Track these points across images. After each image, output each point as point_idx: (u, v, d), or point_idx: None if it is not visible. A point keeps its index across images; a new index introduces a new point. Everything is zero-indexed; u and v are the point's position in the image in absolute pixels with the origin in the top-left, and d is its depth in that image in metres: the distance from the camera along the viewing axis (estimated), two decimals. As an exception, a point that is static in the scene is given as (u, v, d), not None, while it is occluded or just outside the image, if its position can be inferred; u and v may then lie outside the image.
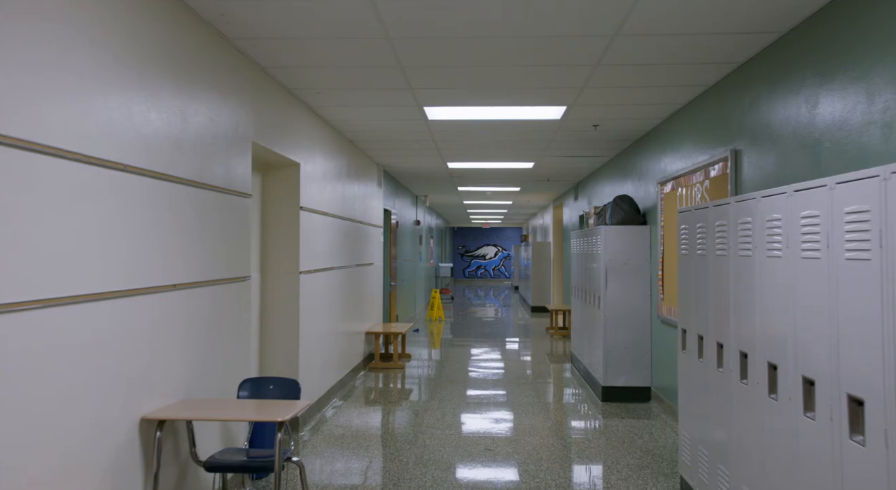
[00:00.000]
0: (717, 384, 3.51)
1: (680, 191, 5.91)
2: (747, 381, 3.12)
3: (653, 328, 6.86)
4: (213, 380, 3.90)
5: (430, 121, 6.55)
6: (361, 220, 8.51)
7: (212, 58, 3.89)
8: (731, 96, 4.72)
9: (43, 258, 2.42)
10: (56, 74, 2.50)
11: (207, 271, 3.82)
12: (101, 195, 2.77)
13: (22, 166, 2.32)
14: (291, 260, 5.66)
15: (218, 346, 3.98)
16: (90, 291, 2.69)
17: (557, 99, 5.62)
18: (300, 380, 5.73)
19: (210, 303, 3.86)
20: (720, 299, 3.48)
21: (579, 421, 6.15)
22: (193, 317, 3.65)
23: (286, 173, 5.67)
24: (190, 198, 3.60)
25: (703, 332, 3.73)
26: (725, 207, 3.43)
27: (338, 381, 7.33)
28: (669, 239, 6.22)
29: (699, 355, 3.82)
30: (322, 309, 6.54)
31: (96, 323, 2.74)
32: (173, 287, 3.36)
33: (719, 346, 3.50)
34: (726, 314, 3.38)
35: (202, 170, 3.74)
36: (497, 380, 8.07)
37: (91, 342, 2.71)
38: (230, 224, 4.16)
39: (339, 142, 7.21)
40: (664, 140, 6.44)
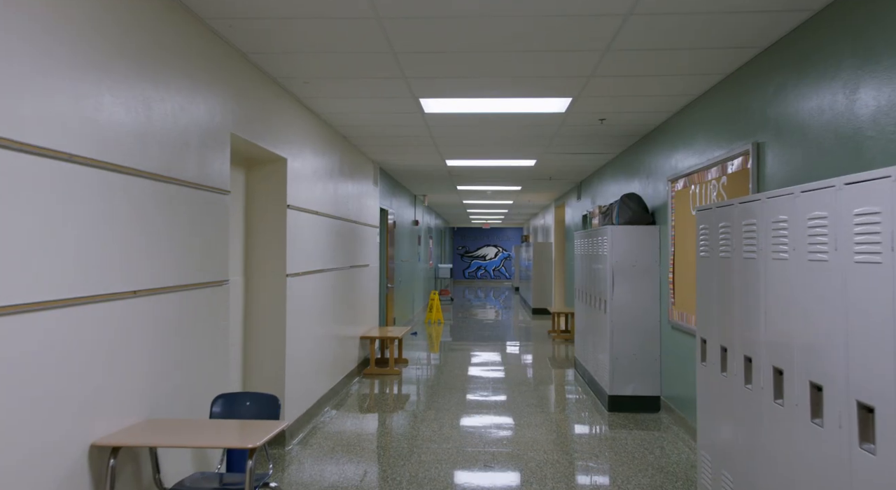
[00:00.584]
0: (745, 402, 3.14)
1: (693, 188, 5.53)
2: (783, 402, 2.75)
3: (662, 334, 6.48)
4: (184, 396, 3.53)
5: (427, 114, 6.18)
6: (356, 219, 8.14)
7: (182, 40, 3.52)
8: (753, 84, 4.34)
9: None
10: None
11: (177, 275, 3.44)
12: (40, 188, 2.40)
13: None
14: (277, 262, 5.28)
15: (190, 358, 3.60)
16: (28, 300, 2.32)
17: (562, 89, 5.25)
18: (287, 389, 5.36)
19: (181, 310, 3.49)
20: (749, 307, 3.10)
21: (585, 434, 5.78)
22: (160, 326, 3.27)
23: (272, 169, 5.30)
24: (156, 193, 3.23)
25: (728, 344, 3.36)
26: (755, 205, 3.06)
27: (330, 389, 6.96)
28: (681, 239, 5.84)
29: (722, 369, 3.44)
30: (312, 313, 6.17)
31: (36, 337, 2.37)
32: (133, 294, 2.99)
33: (747, 360, 3.12)
34: (756, 324, 3.01)
35: (170, 163, 3.37)
36: (498, 387, 7.69)
37: (31, 359, 2.34)
38: (205, 223, 3.79)
39: (331, 137, 6.84)
40: (675, 135, 6.07)
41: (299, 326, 5.72)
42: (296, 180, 5.56)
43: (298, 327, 5.70)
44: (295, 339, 5.59)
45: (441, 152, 8.53)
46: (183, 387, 3.51)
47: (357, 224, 8.20)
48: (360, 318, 8.54)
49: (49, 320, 2.44)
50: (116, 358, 2.89)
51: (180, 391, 3.48)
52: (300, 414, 5.82)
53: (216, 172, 3.95)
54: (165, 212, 3.32)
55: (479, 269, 32.34)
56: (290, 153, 5.39)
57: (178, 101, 3.46)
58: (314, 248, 6.19)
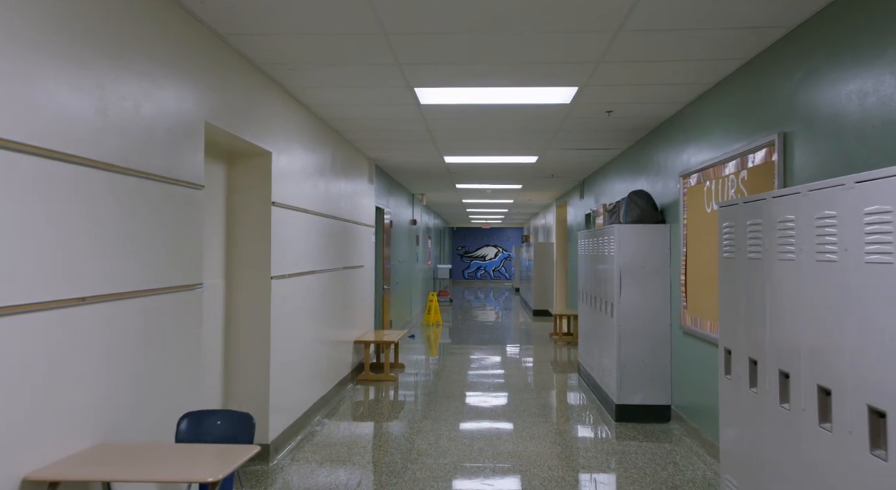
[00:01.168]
0: (781, 424, 2.76)
1: (707, 184, 5.16)
2: (831, 427, 2.37)
3: (673, 339, 6.11)
4: (147, 414, 3.15)
5: (423, 105, 5.80)
6: (349, 218, 7.76)
7: (144, 17, 3.14)
8: (778, 69, 3.97)
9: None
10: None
11: (140, 278, 3.07)
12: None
13: None
14: (261, 263, 4.91)
15: (155, 371, 3.23)
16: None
17: (568, 78, 4.87)
18: (271, 399, 4.99)
19: (144, 318, 3.11)
20: (786, 317, 2.73)
21: (591, 446, 5.40)
22: (118, 336, 2.90)
23: (255, 163, 4.92)
24: (112, 187, 2.85)
25: (758, 356, 2.98)
26: (793, 200, 2.68)
27: (322, 397, 6.59)
28: (694, 239, 5.47)
29: (751, 384, 3.07)
30: (301, 317, 5.79)
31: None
32: (81, 300, 2.61)
33: (783, 376, 2.75)
34: (795, 336, 2.64)
35: (130, 152, 3.00)
36: (498, 393, 7.31)
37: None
38: (175, 221, 3.42)
39: (322, 131, 6.46)
40: (688, 127, 5.69)
41: (286, 332, 5.35)
42: (282, 176, 5.19)
43: (285, 332, 5.32)
44: (281, 345, 5.22)
45: (439, 148, 8.15)
46: (145, 404, 3.13)
47: (351, 223, 7.83)
48: (355, 321, 8.17)
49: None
50: (60, 374, 2.51)
51: (142, 409, 3.10)
52: (288, 424, 5.45)
53: (188, 165, 3.57)
54: (124, 207, 2.94)
55: (478, 269, 31.97)
56: (275, 146, 5.02)
57: (141, 85, 3.09)
58: (303, 248, 5.82)
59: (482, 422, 6.12)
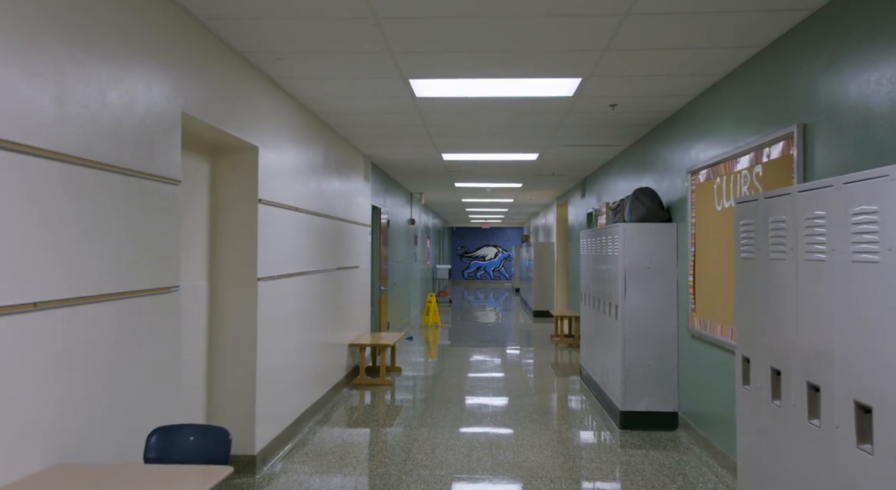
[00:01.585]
0: (810, 441, 2.50)
1: (718, 181, 4.90)
2: (872, 448, 2.11)
3: (681, 343, 5.84)
4: (113, 430, 2.89)
5: (419, 99, 5.54)
6: (344, 217, 7.50)
7: None
8: (798, 56, 3.70)
9: None
10: None
11: (104, 281, 2.81)
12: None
13: None
14: (247, 264, 4.65)
15: (124, 382, 2.97)
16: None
17: (571, 67, 4.61)
18: (258, 407, 4.72)
19: (109, 324, 2.85)
20: (815, 323, 2.47)
21: (595, 456, 5.14)
22: (77, 345, 2.64)
23: (241, 159, 4.66)
24: (71, 180, 2.59)
25: (782, 366, 2.72)
26: (824, 194, 2.42)
27: (315, 402, 6.33)
28: (703, 238, 5.21)
29: (774, 396, 2.81)
30: (292, 320, 5.53)
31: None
32: (33, 306, 2.35)
33: (812, 389, 2.49)
34: (828, 345, 2.38)
35: (93, 143, 2.73)
36: (498, 399, 7.05)
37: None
38: (147, 219, 3.16)
39: (314, 126, 6.20)
40: (698, 121, 5.43)
41: (275, 335, 5.09)
42: (270, 172, 4.92)
43: (274, 336, 5.06)
44: (269, 349, 4.96)
45: (436, 145, 7.89)
46: (111, 420, 2.87)
47: (345, 222, 7.56)
48: (350, 323, 7.91)
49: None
50: (5, 388, 2.25)
51: (106, 425, 2.84)
52: (277, 432, 5.19)
53: (162, 158, 3.31)
54: (85, 203, 2.68)
55: (478, 269, 31.71)
56: (262, 141, 4.76)
57: (107, 69, 2.83)
58: (293, 248, 5.56)
59: (481, 428, 5.85)
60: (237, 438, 4.65)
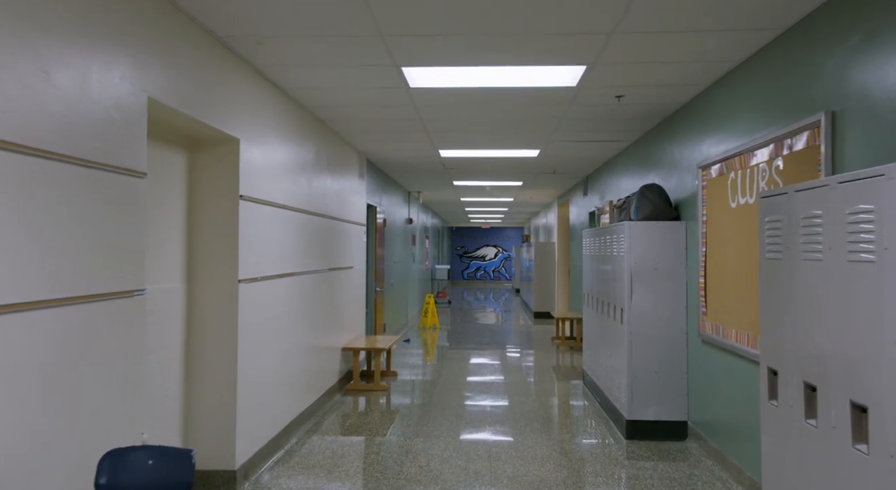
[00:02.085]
0: (856, 470, 2.18)
1: (732, 176, 4.58)
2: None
3: (690, 348, 5.52)
4: (59, 454, 2.57)
5: (413, 89, 5.22)
6: (337, 216, 7.18)
7: (63, -39, 2.57)
8: (826, 37, 3.39)
9: None
10: None
11: (51, 285, 2.49)
12: None
13: None
14: (227, 265, 4.33)
15: (72, 399, 2.65)
16: None
17: (575, 54, 4.29)
18: (239, 419, 4.41)
19: (53, 333, 2.53)
20: (864, 334, 2.15)
21: (601, 469, 4.81)
22: (18, 358, 2.32)
23: (221, 152, 4.34)
24: (14, 170, 2.27)
25: (818, 381, 2.40)
26: (872, 185, 2.10)
27: (305, 410, 6.01)
28: (715, 237, 4.89)
29: (808, 415, 2.49)
30: (278, 324, 5.21)
31: None
32: (-45, 315, 2.04)
33: (858, 410, 2.17)
34: (875, 360, 2.05)
35: (36, 129, 2.42)
36: (497, 405, 6.73)
37: None
38: (105, 215, 2.84)
39: (303, 119, 5.88)
40: (709, 113, 5.11)
41: (259, 340, 4.77)
42: (253, 166, 4.60)
43: (258, 342, 4.74)
44: (253, 355, 4.64)
45: (433, 141, 7.57)
46: (56, 442, 2.55)
47: (338, 221, 7.24)
48: (343, 326, 7.59)
49: None
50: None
51: (51, 448, 2.52)
52: (262, 444, 4.87)
53: (124, 148, 2.99)
54: (25, 195, 2.36)
55: (478, 269, 31.39)
56: (244, 133, 4.44)
57: (53, 45, 2.51)
58: (280, 248, 5.24)
59: (480, 438, 5.53)
60: (216, 452, 4.33)
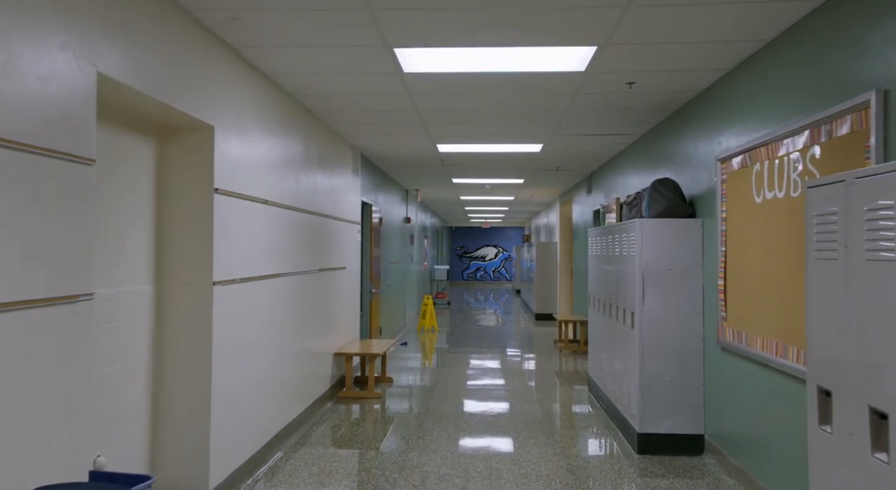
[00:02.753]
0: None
1: (757, 168, 4.16)
2: None
3: (707, 356, 5.10)
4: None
5: (407, 75, 4.81)
6: (328, 213, 6.77)
7: None
8: (874, 6, 2.97)
9: None
10: None
11: (-33, 290, 2.07)
12: None
13: None
14: (200, 266, 3.91)
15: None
16: None
17: (586, 31, 3.88)
18: (214, 436, 3.99)
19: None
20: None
21: (612, 487, 4.41)
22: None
23: (193, 140, 3.93)
24: None
25: (889, 408, 1.99)
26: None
27: (292, 421, 5.60)
28: (738, 235, 4.47)
29: (876, 447, 2.07)
30: (261, 329, 4.79)
31: None
32: None
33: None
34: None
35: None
36: (498, 414, 6.31)
37: None
38: (43, 207, 2.42)
39: (290, 109, 5.46)
40: (730, 100, 4.70)
41: (239, 347, 4.35)
42: (231, 157, 4.19)
43: (238, 348, 4.33)
44: (231, 363, 4.22)
45: (430, 134, 7.16)
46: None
47: (330, 219, 6.83)
48: (335, 330, 7.17)
49: None
50: None
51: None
52: (242, 461, 4.46)
53: (67, 130, 2.57)
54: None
55: (478, 270, 30.98)
56: (220, 121, 4.02)
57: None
58: (264, 247, 4.82)
59: (480, 452, 5.11)
60: (187, 472, 3.91)
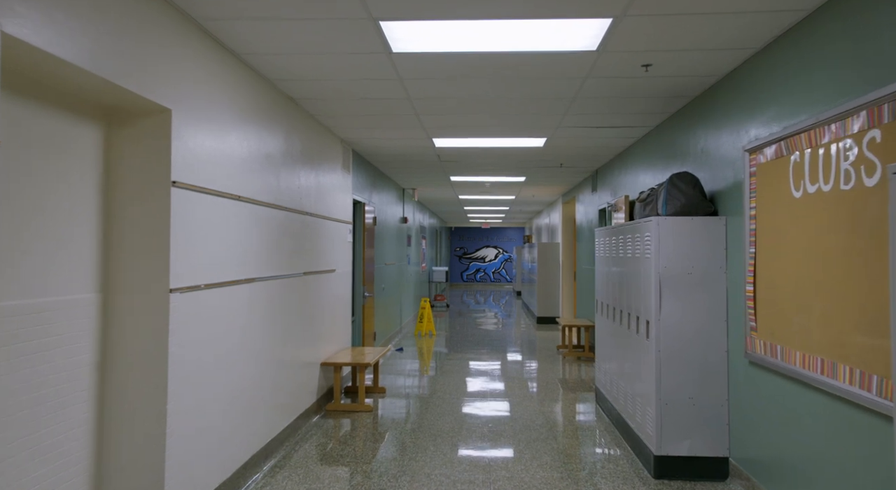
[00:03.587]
0: None
1: (795, 158, 3.64)
2: None
3: (733, 371, 4.58)
4: None
5: (397, 55, 4.28)
6: (314, 212, 6.24)
7: None
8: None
9: None
10: None
11: None
12: None
13: None
14: (154, 270, 3.38)
15: None
16: None
17: (597, 3, 3.35)
18: (170, 466, 3.46)
19: None
20: None
21: (629, 524, 3.88)
22: None
23: (146, 126, 3.40)
24: None
25: None
26: None
27: (272, 439, 5.07)
28: (771, 235, 3.94)
29: None
30: (233, 340, 4.27)
31: None
32: None
33: None
34: None
35: None
36: (498, 431, 5.78)
37: None
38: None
39: (269, 96, 4.93)
40: (760, 83, 4.17)
41: (206, 363, 3.83)
42: (194, 146, 3.66)
43: (204, 365, 3.80)
44: (195, 381, 3.70)
45: (425, 127, 6.63)
46: None
47: (317, 218, 6.30)
48: (323, 338, 6.64)
49: None
50: None
51: None
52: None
53: (-42, 102, 2.05)
54: None
55: (478, 271, 30.46)
56: (178, 103, 3.50)
57: None
58: (236, 248, 4.30)
59: (477, 478, 4.58)
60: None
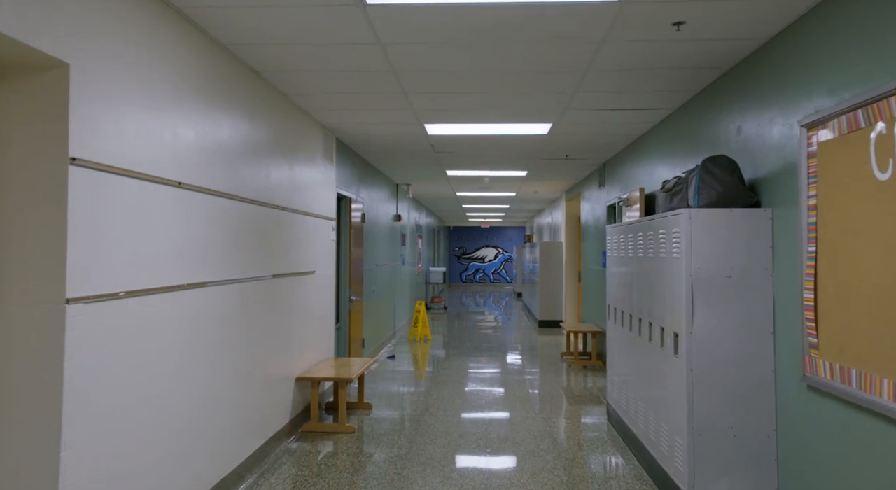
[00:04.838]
0: None
1: (880, 129, 2.83)
2: None
3: (782, 395, 3.76)
4: None
5: (371, 6, 3.47)
6: (288, 206, 5.44)
7: None
8: None
9: None
10: None
11: None
12: None
13: None
14: (44, 274, 2.58)
15: None
16: None
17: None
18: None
19: None
20: None
21: None
22: None
23: (32, 84, 2.60)
24: None
25: None
26: None
27: (234, 470, 4.28)
28: (842, 229, 3.13)
29: None
30: (176, 359, 3.46)
31: None
32: None
33: None
34: None
35: None
36: (499, 451, 4.96)
37: None
38: None
39: (228, 70, 4.13)
40: (819, 44, 3.36)
41: (128, 390, 3.02)
42: (108, 114, 2.85)
43: (125, 392, 2.99)
44: (109, 416, 2.89)
45: (415, 109, 5.83)
46: None
47: (290, 213, 5.50)
48: (299, 348, 5.84)
49: None
50: None
51: None
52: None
53: None
54: None
55: (477, 272, 29.68)
56: (82, 56, 2.69)
57: None
58: (176, 246, 3.49)
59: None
60: None
